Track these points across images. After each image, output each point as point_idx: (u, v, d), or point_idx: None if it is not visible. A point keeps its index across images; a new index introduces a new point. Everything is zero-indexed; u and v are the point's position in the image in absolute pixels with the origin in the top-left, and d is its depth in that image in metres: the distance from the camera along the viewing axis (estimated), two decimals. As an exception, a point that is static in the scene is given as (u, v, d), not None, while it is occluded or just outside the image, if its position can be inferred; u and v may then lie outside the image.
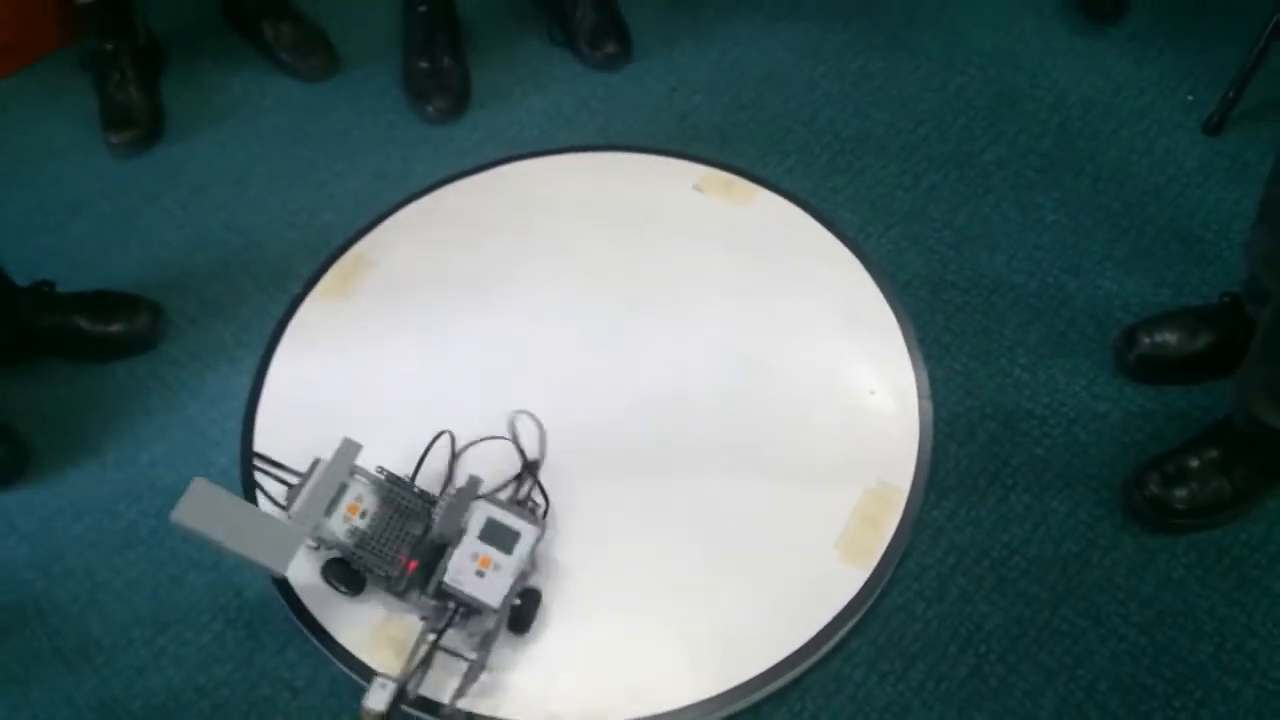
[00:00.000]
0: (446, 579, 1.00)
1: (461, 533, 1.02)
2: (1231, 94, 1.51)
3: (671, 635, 1.08)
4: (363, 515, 1.04)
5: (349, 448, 1.05)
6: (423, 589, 1.02)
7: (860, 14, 1.72)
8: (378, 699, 0.94)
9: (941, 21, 1.71)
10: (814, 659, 1.07)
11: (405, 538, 1.04)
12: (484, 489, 1.09)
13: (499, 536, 1.02)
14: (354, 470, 1.06)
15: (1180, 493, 1.15)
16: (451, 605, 1.01)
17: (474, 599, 0.99)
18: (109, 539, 1.23)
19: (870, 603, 1.10)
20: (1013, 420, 1.26)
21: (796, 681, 1.08)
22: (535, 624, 1.06)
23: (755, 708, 1.06)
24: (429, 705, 1.01)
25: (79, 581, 1.20)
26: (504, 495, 1.14)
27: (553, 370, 1.27)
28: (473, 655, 1.00)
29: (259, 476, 1.20)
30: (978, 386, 1.29)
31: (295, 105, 1.66)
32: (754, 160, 1.53)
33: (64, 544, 1.22)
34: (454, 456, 1.18)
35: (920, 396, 1.23)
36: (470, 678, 1.00)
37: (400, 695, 0.96)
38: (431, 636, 0.99)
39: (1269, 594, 1.13)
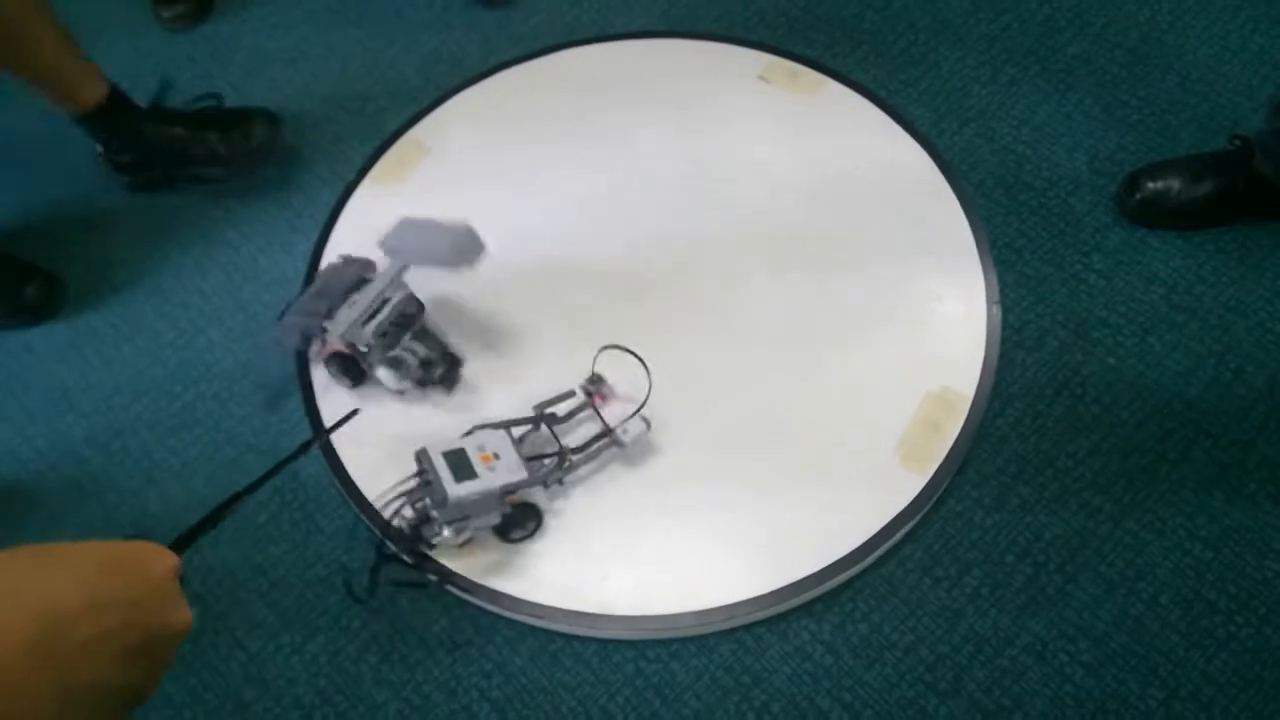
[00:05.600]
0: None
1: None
2: (1339, -13, 1.42)
3: (726, 532, 1.07)
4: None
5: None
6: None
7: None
8: None
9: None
10: (868, 561, 1.06)
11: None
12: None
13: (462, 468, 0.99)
14: None
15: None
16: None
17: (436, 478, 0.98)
18: (166, 419, 1.24)
19: (927, 508, 1.08)
20: (1085, 328, 1.22)
21: (849, 583, 1.07)
22: (588, 522, 1.06)
23: (807, 607, 1.06)
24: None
25: (136, 460, 1.21)
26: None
27: (609, 264, 1.24)
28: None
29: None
30: (1050, 293, 1.24)
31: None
32: (822, 49, 1.46)
33: (122, 423, 1.24)
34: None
35: (989, 301, 1.18)
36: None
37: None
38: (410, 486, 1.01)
39: (1344, 514, 1.09)
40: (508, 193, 1.31)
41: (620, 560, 1.05)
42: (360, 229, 1.30)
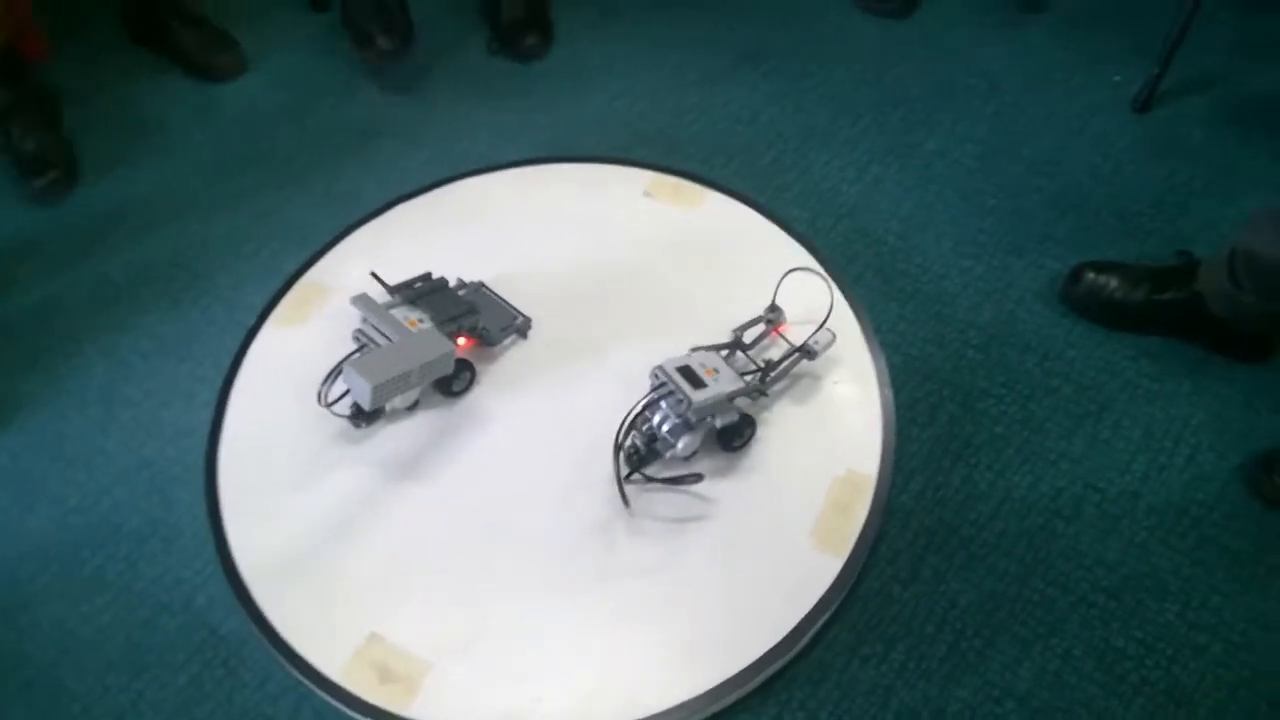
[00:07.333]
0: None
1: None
2: (1157, 72, 1.56)
3: (653, 637, 1.08)
4: None
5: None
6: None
7: (794, 17, 1.75)
8: None
9: (872, 19, 1.74)
10: (797, 649, 1.08)
11: None
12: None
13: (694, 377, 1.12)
14: None
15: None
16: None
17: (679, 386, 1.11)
18: (75, 587, 1.20)
19: (847, 590, 1.11)
20: (970, 400, 1.29)
21: (781, 673, 1.09)
22: (512, 638, 1.07)
23: (744, 702, 1.07)
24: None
25: (48, 633, 1.17)
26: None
27: (518, 380, 1.28)
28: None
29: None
30: (934, 370, 1.32)
31: (235, 132, 1.65)
32: (700, 163, 1.55)
33: (29, 595, 1.20)
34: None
35: (880, 385, 1.25)
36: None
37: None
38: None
39: (1228, 551, 1.16)
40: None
41: (547, 675, 1.05)
42: (264, 373, 1.31)
